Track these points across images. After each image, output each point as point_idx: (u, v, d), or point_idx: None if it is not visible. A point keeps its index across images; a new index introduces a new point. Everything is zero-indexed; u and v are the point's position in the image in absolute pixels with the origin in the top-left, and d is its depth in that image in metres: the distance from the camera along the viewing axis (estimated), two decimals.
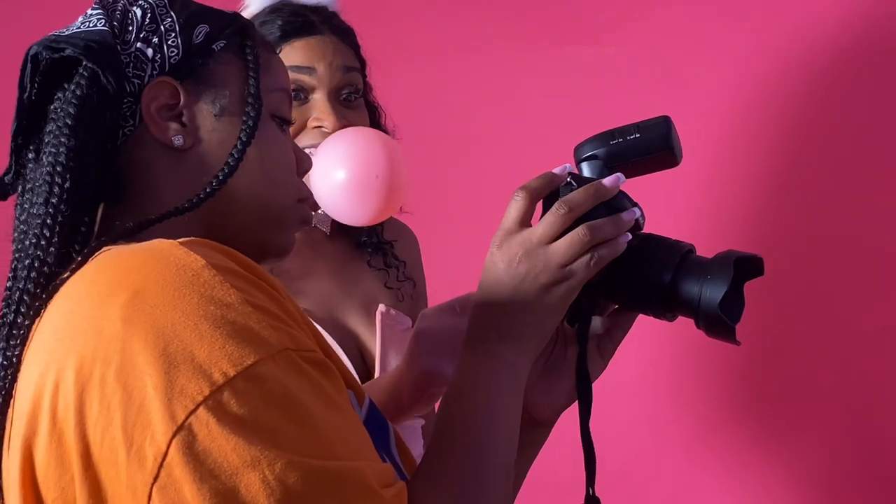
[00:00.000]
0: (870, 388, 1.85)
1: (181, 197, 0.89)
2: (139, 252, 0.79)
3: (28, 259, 0.86)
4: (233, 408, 0.73)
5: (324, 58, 1.48)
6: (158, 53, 0.90)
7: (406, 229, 1.69)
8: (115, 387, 0.74)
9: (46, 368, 0.78)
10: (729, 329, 0.93)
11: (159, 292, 0.75)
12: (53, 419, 0.76)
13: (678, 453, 1.96)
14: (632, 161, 0.99)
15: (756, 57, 1.90)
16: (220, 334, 0.74)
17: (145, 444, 0.73)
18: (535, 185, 0.96)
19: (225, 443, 0.72)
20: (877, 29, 1.85)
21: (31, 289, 0.85)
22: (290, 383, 0.75)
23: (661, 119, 1.01)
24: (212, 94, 0.92)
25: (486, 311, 0.94)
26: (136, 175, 0.90)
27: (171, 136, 0.90)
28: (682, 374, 1.96)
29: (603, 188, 0.95)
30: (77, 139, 0.87)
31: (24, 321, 0.84)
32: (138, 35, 0.90)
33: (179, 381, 0.73)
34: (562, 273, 0.92)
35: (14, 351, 0.84)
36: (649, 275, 0.95)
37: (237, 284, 0.77)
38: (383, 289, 1.59)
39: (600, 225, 0.93)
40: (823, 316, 1.87)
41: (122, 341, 0.74)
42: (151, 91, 0.90)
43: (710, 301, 0.92)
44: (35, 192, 0.87)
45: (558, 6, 2.00)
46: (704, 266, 0.94)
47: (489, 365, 0.92)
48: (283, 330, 0.77)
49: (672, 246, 0.96)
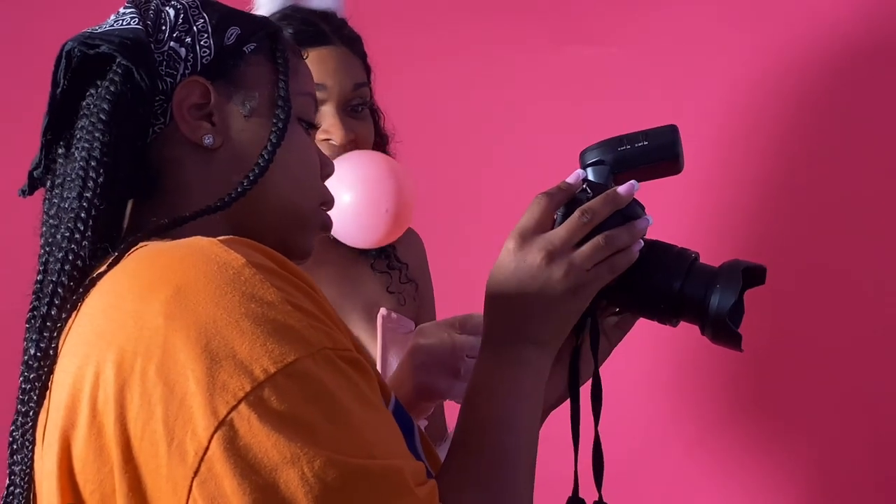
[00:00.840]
0: (870, 388, 1.85)
1: (210, 195, 0.90)
2: (179, 248, 0.80)
3: (61, 252, 0.86)
4: (273, 404, 0.73)
5: (335, 73, 1.49)
6: (191, 53, 0.91)
7: (411, 232, 1.70)
8: (157, 381, 0.74)
9: (86, 361, 0.79)
10: (736, 337, 0.95)
11: (201, 289, 0.76)
12: (93, 411, 0.77)
13: (678, 454, 1.95)
14: (638, 168, 1.00)
15: (756, 57, 1.90)
16: (261, 332, 0.75)
17: (186, 438, 0.73)
18: (555, 192, 0.97)
19: (265, 439, 0.72)
20: (879, 30, 1.85)
21: (64, 281, 0.85)
22: (329, 381, 0.76)
23: (668, 128, 1.02)
24: (241, 96, 0.92)
25: (508, 312, 0.94)
26: (166, 173, 0.91)
27: (202, 136, 0.90)
28: (682, 376, 1.96)
29: (619, 197, 0.96)
30: (111, 134, 0.87)
31: (58, 314, 0.85)
32: (171, 34, 0.91)
33: (221, 377, 0.73)
34: (586, 277, 0.94)
35: (50, 343, 0.84)
36: (658, 281, 0.96)
37: (277, 283, 0.78)
38: (385, 293, 1.60)
39: (617, 234, 0.95)
40: (824, 316, 1.87)
41: (163, 336, 0.75)
42: (183, 90, 0.90)
43: (719, 309, 0.94)
44: (66, 187, 0.88)
45: (559, 7, 2.00)
46: (713, 274, 0.96)
47: (515, 367, 0.93)
48: (322, 329, 0.78)
49: (680, 253, 0.98)
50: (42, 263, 0.89)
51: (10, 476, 0.87)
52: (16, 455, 0.87)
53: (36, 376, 0.85)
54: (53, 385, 0.82)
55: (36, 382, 0.85)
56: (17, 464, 0.86)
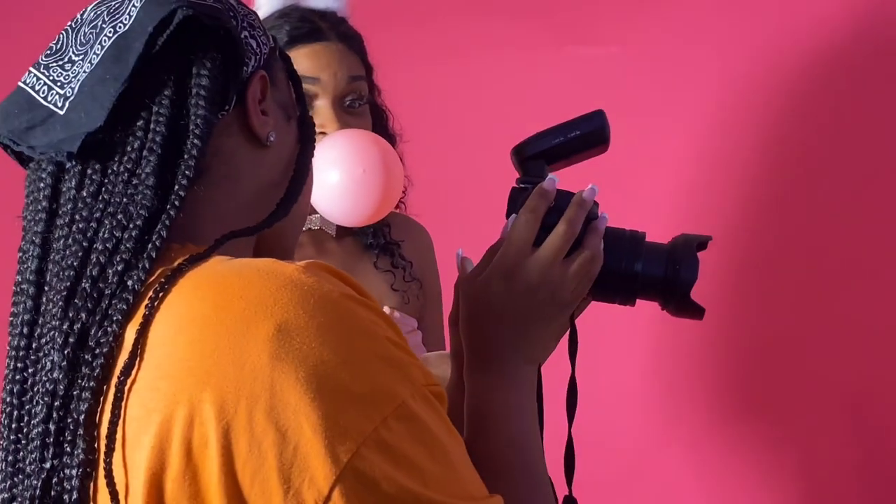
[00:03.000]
0: (870, 388, 1.85)
1: (252, 193, 0.88)
2: (267, 277, 0.75)
3: (136, 230, 0.78)
4: (389, 449, 0.72)
5: (328, 67, 1.49)
6: (258, 46, 0.89)
7: (417, 228, 1.69)
8: (266, 426, 0.71)
9: (174, 399, 0.73)
10: (699, 308, 0.98)
11: (305, 326, 0.73)
12: (188, 454, 0.72)
13: (679, 455, 1.96)
14: (570, 157, 1.04)
15: (756, 57, 1.90)
16: (370, 371, 0.73)
17: (304, 487, 0.71)
18: (535, 205, 0.96)
19: (387, 486, 0.71)
20: (878, 31, 1.85)
21: (153, 256, 0.78)
22: (430, 421, 0.75)
23: (596, 113, 1.05)
24: (280, 98, 0.92)
25: (502, 334, 0.95)
26: (217, 162, 0.85)
27: (269, 132, 0.88)
28: (682, 376, 1.96)
29: (585, 202, 0.97)
30: (208, 111, 0.82)
31: (120, 324, 0.77)
32: (243, 24, 0.88)
33: (339, 422, 0.71)
34: (572, 297, 0.95)
35: (95, 353, 0.76)
36: (622, 267, 0.98)
37: (371, 317, 0.76)
38: (389, 291, 1.59)
39: (595, 244, 0.96)
40: (824, 317, 1.87)
41: (269, 377, 0.71)
42: (257, 82, 0.88)
43: (685, 284, 0.98)
44: (137, 161, 0.80)
45: (561, 7, 2.00)
46: (667, 252, 0.99)
47: (518, 386, 0.94)
48: (416, 364, 0.77)
49: (633, 236, 1.00)
50: (71, 255, 0.79)
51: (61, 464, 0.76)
52: (72, 444, 0.76)
53: (100, 365, 0.76)
54: (128, 415, 0.75)
55: (92, 369, 0.76)
56: (76, 456, 0.76)
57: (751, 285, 1.89)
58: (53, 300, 0.79)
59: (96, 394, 0.76)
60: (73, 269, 0.79)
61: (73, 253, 0.79)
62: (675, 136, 1.92)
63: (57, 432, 0.76)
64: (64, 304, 0.78)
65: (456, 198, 1.99)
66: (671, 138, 1.92)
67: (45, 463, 0.76)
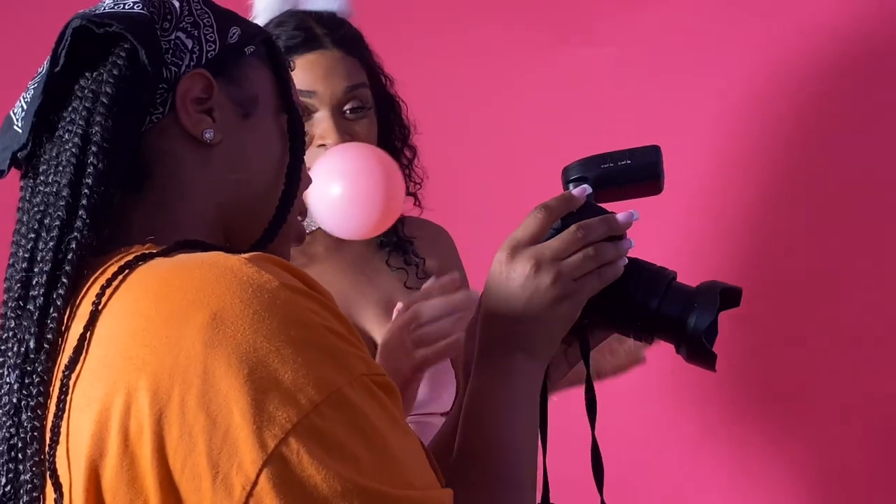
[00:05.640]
0: (871, 388, 1.85)
1: (205, 194, 0.89)
2: (208, 268, 0.77)
3: (52, 240, 0.82)
4: (320, 436, 0.72)
5: (325, 78, 1.47)
6: (197, 45, 0.90)
7: (431, 226, 1.67)
8: (197, 412, 0.72)
9: (114, 388, 0.75)
10: (711, 356, 0.95)
11: (239, 314, 0.74)
12: (125, 441, 0.74)
13: (679, 455, 1.96)
14: (621, 186, 1.01)
15: (755, 57, 1.91)
16: (302, 359, 0.74)
17: (232, 472, 0.72)
18: (554, 205, 0.97)
19: (315, 472, 0.71)
20: (880, 31, 1.85)
21: (68, 270, 0.81)
22: (368, 409, 0.75)
23: (651, 147, 1.02)
24: (239, 96, 0.92)
25: (499, 322, 0.95)
26: (160, 166, 0.88)
27: (203, 130, 0.89)
28: (682, 377, 1.95)
29: (617, 223, 0.96)
30: (113, 119, 0.84)
31: (64, 305, 0.81)
32: (177, 24, 0.89)
33: (267, 408, 0.72)
34: (573, 287, 0.94)
35: (55, 337, 0.80)
36: (636, 299, 0.96)
37: (311, 306, 0.77)
38: (403, 288, 1.57)
39: (606, 247, 0.95)
40: (824, 317, 1.88)
41: (202, 364, 0.73)
42: (188, 81, 0.88)
43: (696, 329, 0.95)
44: (56, 172, 0.84)
45: (561, 7, 2.00)
46: (690, 294, 0.96)
47: (508, 377, 0.94)
48: (356, 353, 0.77)
49: (658, 272, 0.98)
50: (28, 251, 0.83)
51: (15, 473, 0.81)
52: (23, 452, 0.80)
53: (41, 372, 0.80)
54: (72, 406, 0.77)
55: (36, 378, 0.80)
56: (27, 459, 0.79)
57: (755, 283, 1.89)
58: (6, 315, 0.84)
59: (44, 395, 0.79)
60: (20, 283, 0.84)
61: (20, 263, 0.84)
62: (675, 136, 1.92)
63: (11, 439, 0.81)
64: (14, 317, 0.83)
65: (455, 198, 1.98)
66: (671, 138, 1.92)
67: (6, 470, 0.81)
